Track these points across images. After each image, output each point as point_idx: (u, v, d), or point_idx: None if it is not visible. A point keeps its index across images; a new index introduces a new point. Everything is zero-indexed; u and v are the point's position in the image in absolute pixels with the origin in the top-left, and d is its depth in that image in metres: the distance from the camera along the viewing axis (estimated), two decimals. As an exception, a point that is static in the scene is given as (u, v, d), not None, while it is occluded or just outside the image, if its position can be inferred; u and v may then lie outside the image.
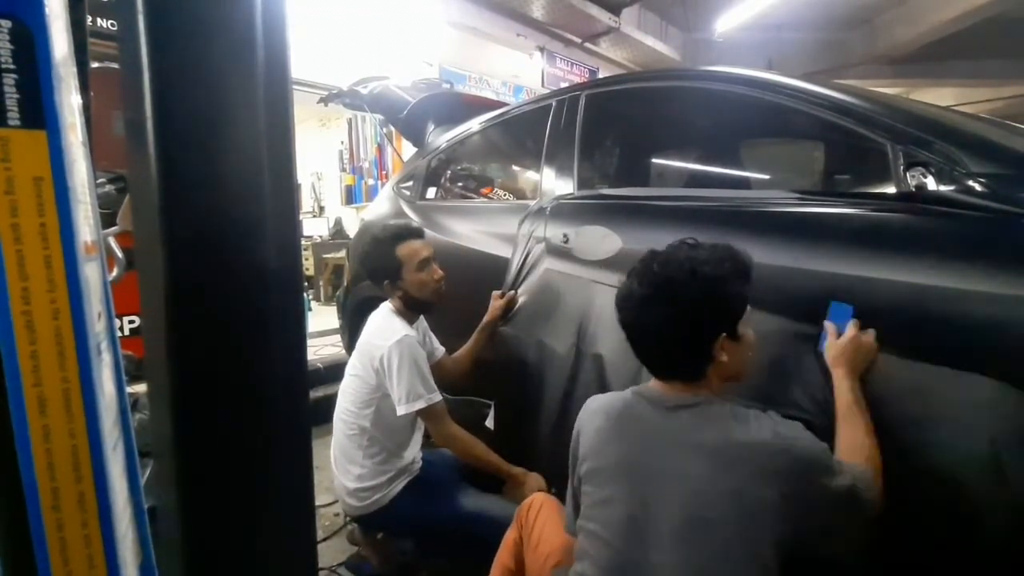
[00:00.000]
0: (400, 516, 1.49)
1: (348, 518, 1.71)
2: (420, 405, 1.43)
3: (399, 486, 1.49)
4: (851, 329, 0.93)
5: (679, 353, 0.90)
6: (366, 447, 1.49)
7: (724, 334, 0.88)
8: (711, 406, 0.87)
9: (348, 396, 1.56)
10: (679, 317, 0.87)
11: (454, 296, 1.64)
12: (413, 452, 1.58)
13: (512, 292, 1.68)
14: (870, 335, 0.92)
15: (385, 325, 1.54)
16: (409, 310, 1.59)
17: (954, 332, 0.86)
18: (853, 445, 0.86)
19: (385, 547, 1.63)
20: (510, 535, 1.20)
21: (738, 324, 0.90)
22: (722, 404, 0.87)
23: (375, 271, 1.60)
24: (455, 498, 1.48)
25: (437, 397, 1.47)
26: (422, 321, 1.69)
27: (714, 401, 0.88)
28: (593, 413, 0.99)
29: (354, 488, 1.48)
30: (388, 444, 1.50)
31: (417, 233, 1.61)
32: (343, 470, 1.52)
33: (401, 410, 1.43)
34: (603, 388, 1.34)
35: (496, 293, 1.71)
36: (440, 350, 1.77)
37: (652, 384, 0.95)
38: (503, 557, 1.18)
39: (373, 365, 1.47)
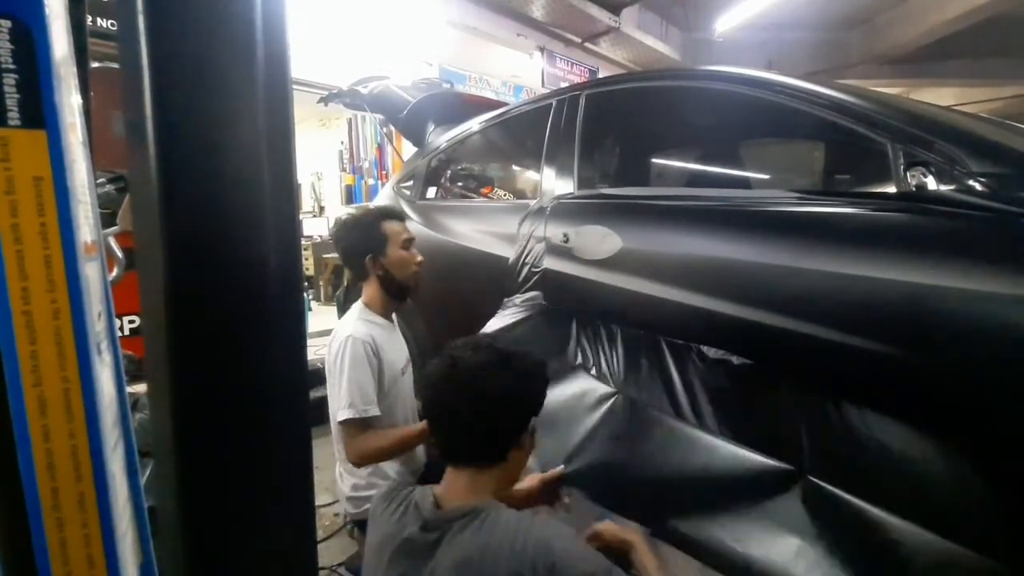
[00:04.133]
0: None
1: (348, 518, 1.70)
2: (351, 415, 1.33)
3: None
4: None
5: (484, 434, 0.88)
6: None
7: (519, 434, 0.90)
8: (488, 518, 0.81)
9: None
10: (489, 407, 0.87)
11: (454, 295, 1.64)
12: (395, 467, 1.51)
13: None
14: None
15: (341, 324, 1.47)
16: (387, 296, 1.51)
17: (954, 332, 0.86)
18: None
19: None
20: None
21: (530, 425, 0.92)
22: (497, 516, 0.81)
23: (356, 246, 1.50)
24: None
25: (372, 411, 1.35)
26: (396, 328, 1.60)
27: (492, 511, 0.82)
28: (372, 520, 0.94)
29: (350, 495, 1.49)
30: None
31: (401, 216, 1.58)
32: (342, 475, 1.52)
33: (339, 415, 1.34)
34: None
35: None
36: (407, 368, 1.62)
37: (436, 489, 0.90)
38: None
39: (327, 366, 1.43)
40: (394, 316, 1.60)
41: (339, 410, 1.35)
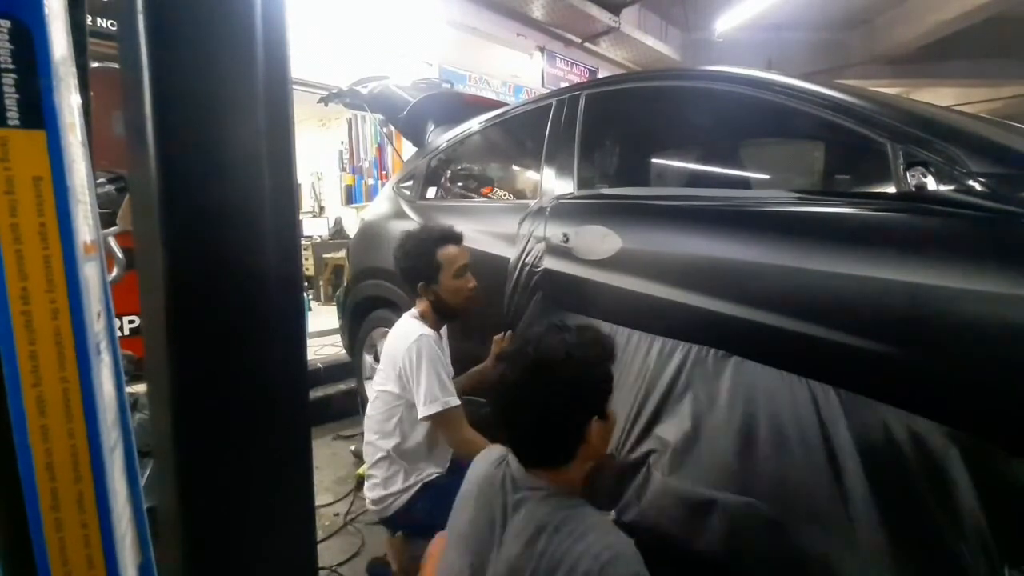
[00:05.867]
0: (416, 517, 1.48)
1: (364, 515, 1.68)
2: (436, 408, 1.41)
3: (415, 488, 1.49)
4: None
5: (553, 438, 0.88)
6: (386, 467, 1.50)
7: (595, 416, 0.89)
8: (573, 503, 0.87)
9: (374, 419, 1.54)
10: (554, 401, 0.86)
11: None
12: (432, 467, 1.55)
13: (511, 332, 1.66)
14: None
15: (405, 329, 1.53)
16: (436, 316, 1.57)
17: (954, 331, 0.86)
18: None
19: (406, 548, 1.62)
20: None
21: (607, 404, 0.91)
22: (584, 508, 0.87)
23: (412, 270, 1.57)
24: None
25: (454, 401, 1.44)
26: (445, 342, 1.66)
27: (579, 500, 0.88)
28: (476, 464, 1.02)
29: (376, 497, 1.50)
30: (405, 464, 1.50)
31: (459, 238, 1.59)
32: (370, 480, 1.53)
33: (421, 412, 1.42)
34: None
35: (497, 337, 1.69)
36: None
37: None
38: None
39: (396, 369, 1.48)
40: (443, 331, 1.64)
41: (423, 405, 1.40)
